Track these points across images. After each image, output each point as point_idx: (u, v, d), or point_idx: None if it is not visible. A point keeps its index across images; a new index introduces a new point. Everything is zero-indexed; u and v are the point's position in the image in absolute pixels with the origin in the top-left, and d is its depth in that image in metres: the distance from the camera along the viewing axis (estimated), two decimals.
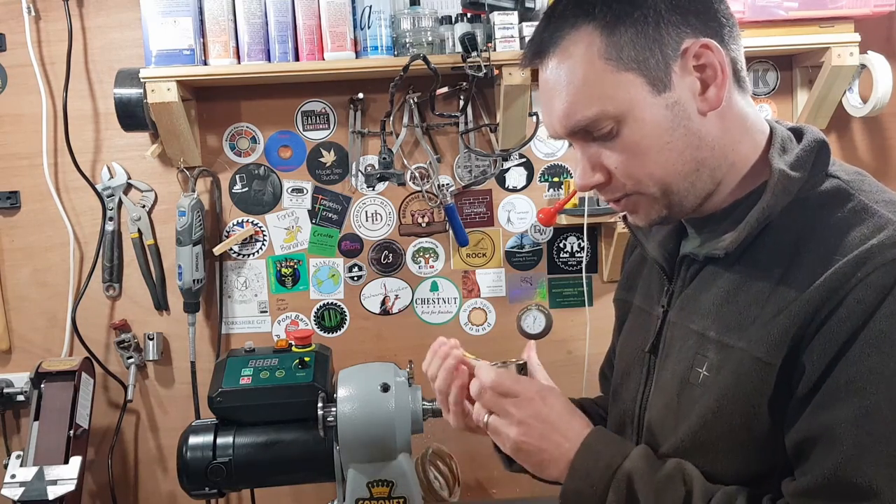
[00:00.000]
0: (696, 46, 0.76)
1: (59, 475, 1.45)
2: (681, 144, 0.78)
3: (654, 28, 0.76)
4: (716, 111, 0.78)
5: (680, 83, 0.77)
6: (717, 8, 0.79)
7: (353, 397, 1.26)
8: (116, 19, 1.73)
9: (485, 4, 1.61)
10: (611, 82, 0.77)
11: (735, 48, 0.81)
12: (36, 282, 1.78)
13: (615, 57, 0.77)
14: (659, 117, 0.77)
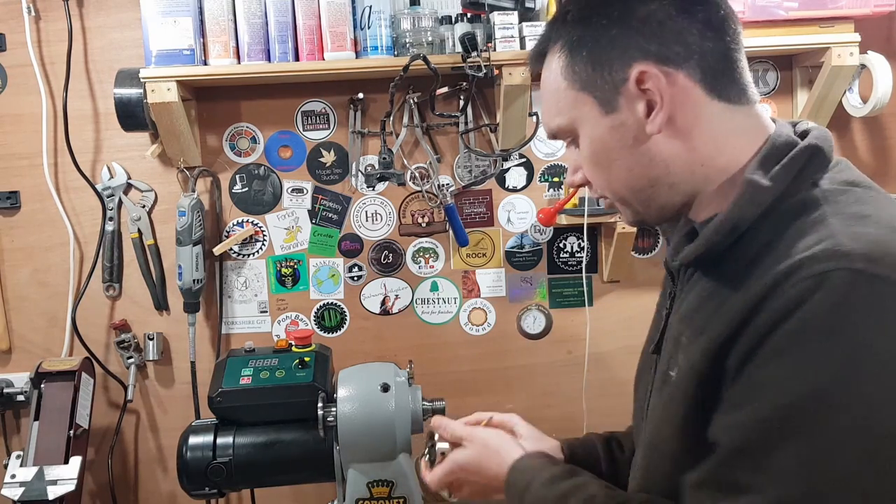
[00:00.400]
0: (636, 73, 0.78)
1: (59, 475, 1.45)
2: (629, 162, 0.82)
3: (605, 52, 0.79)
4: (676, 130, 0.80)
5: (628, 105, 0.80)
6: (671, 28, 0.78)
7: (353, 397, 1.27)
8: (116, 19, 1.73)
9: (485, 4, 1.61)
10: (569, 99, 0.83)
11: (700, 63, 0.79)
12: (36, 282, 1.78)
13: (572, 76, 0.82)
14: (606, 136, 0.82)
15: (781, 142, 0.79)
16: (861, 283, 0.63)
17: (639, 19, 0.78)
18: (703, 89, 0.79)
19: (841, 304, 0.63)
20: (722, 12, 0.80)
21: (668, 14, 0.78)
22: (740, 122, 0.81)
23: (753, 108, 0.83)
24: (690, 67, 0.78)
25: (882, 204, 0.73)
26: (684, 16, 0.78)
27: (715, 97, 0.80)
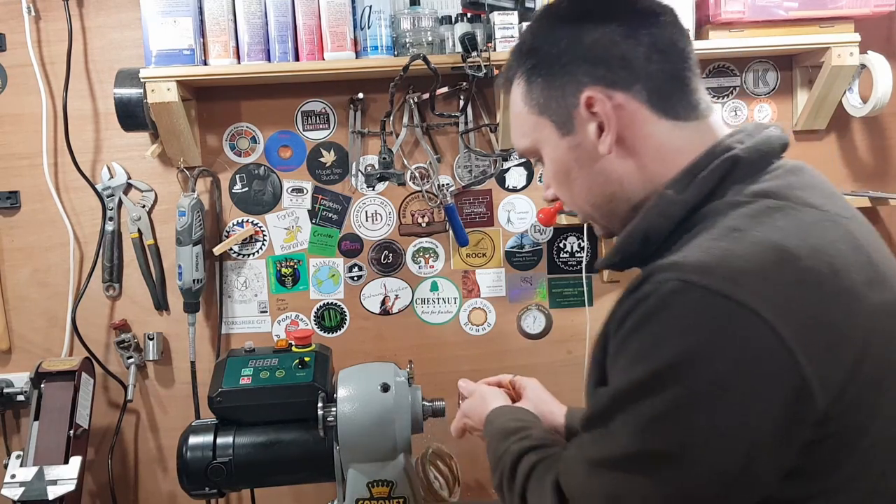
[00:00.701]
0: (584, 97, 0.83)
1: (59, 475, 1.45)
2: (588, 181, 0.87)
3: (558, 78, 0.84)
4: (627, 149, 0.84)
5: (582, 128, 0.84)
6: (616, 53, 0.82)
7: (353, 397, 1.27)
8: (116, 19, 1.73)
9: (485, 4, 1.61)
10: (530, 122, 0.89)
11: (647, 85, 0.82)
12: (36, 282, 1.78)
13: (530, 102, 0.88)
14: (564, 157, 0.87)
15: (708, 155, 0.82)
16: (685, 292, 0.69)
17: (586, 46, 0.83)
18: (650, 109, 0.83)
19: (663, 307, 0.69)
20: (668, 35, 0.84)
21: (612, 40, 0.82)
22: (689, 138, 0.84)
23: (705, 122, 0.85)
24: (637, 89, 0.82)
25: (773, 218, 0.74)
26: (629, 41, 0.82)
27: (663, 116, 0.83)
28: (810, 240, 0.73)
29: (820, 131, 1.84)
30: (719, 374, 0.68)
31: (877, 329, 0.72)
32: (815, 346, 0.68)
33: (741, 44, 1.66)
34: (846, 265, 0.73)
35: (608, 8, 0.84)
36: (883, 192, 1.80)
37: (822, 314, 0.69)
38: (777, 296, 0.68)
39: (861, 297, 0.72)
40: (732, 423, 0.68)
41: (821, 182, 0.84)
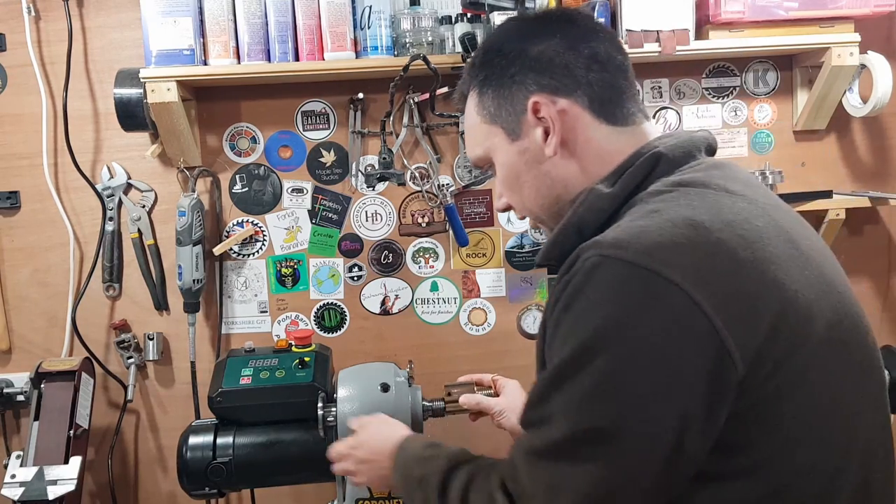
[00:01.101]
0: (531, 103, 0.90)
1: (59, 475, 1.45)
2: (536, 183, 0.93)
3: (507, 87, 0.91)
4: (570, 152, 0.90)
5: (530, 133, 0.91)
6: (559, 63, 0.89)
7: (353, 397, 1.27)
8: (116, 19, 1.73)
9: (485, 4, 1.61)
10: (482, 131, 0.95)
11: (588, 92, 0.89)
12: (36, 282, 1.78)
13: (483, 112, 0.95)
14: (514, 161, 0.93)
15: (636, 154, 0.88)
16: (603, 266, 0.73)
17: (531, 57, 0.90)
18: (591, 114, 0.90)
19: (586, 283, 0.74)
20: (606, 49, 0.91)
21: (556, 51, 0.90)
22: (625, 142, 0.90)
23: (639, 127, 0.92)
24: (578, 96, 0.89)
25: (689, 198, 0.79)
26: (571, 52, 0.90)
27: (602, 121, 0.90)
28: (724, 216, 0.77)
29: (820, 131, 1.84)
30: (642, 340, 0.71)
31: (795, 303, 0.75)
32: (731, 313, 0.71)
33: (741, 44, 1.66)
34: (761, 238, 0.77)
35: (551, 25, 0.93)
36: (883, 192, 1.80)
37: (735, 283, 0.73)
38: (691, 265, 0.72)
39: (778, 269, 0.75)
40: (661, 390, 0.71)
41: (745, 176, 0.89)
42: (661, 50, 1.63)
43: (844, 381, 0.79)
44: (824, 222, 1.73)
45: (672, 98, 1.83)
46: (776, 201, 0.87)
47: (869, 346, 0.84)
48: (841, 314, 0.80)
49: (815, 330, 0.76)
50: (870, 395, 0.84)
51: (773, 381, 0.73)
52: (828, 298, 0.79)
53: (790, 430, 0.75)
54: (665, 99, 1.83)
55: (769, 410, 0.74)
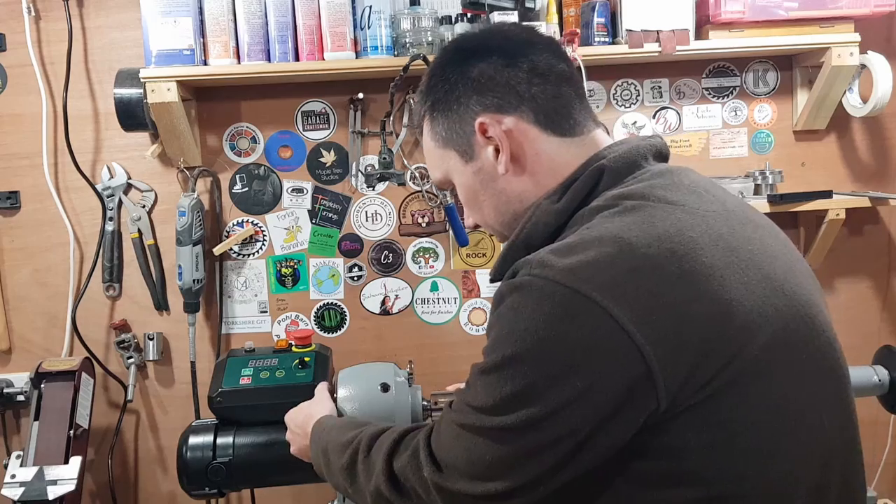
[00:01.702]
0: (477, 123, 0.90)
1: (59, 475, 1.45)
2: (494, 200, 0.94)
3: (454, 111, 0.92)
4: (522, 167, 0.91)
5: (482, 152, 0.92)
6: (499, 81, 0.90)
7: (353, 397, 1.26)
8: (116, 19, 1.73)
9: (485, 4, 1.61)
10: (438, 156, 0.97)
11: (532, 106, 0.90)
12: (36, 282, 1.78)
13: (436, 137, 0.96)
14: (471, 181, 0.94)
15: (583, 167, 0.89)
16: (529, 285, 0.76)
17: (472, 79, 0.91)
18: (538, 128, 0.90)
19: (513, 298, 0.77)
20: (545, 60, 0.91)
21: (495, 69, 0.90)
22: (575, 153, 0.91)
23: (589, 136, 0.92)
24: (523, 111, 0.90)
25: (623, 215, 0.80)
26: (511, 68, 0.90)
27: (550, 133, 0.91)
28: (654, 230, 0.77)
29: (820, 131, 1.84)
30: (561, 354, 0.74)
31: (731, 312, 0.75)
32: (654, 327, 0.72)
33: (741, 44, 1.66)
34: (693, 249, 0.77)
35: (486, 43, 0.93)
36: (883, 192, 1.80)
37: (660, 297, 0.74)
38: (611, 282, 0.74)
39: (711, 279, 0.76)
40: (575, 402, 0.74)
41: (691, 182, 0.88)
42: (661, 50, 1.63)
43: (793, 384, 0.79)
44: (824, 222, 1.73)
45: (672, 98, 1.83)
46: (725, 205, 0.86)
47: (824, 344, 0.84)
48: (788, 316, 0.79)
49: (756, 336, 0.76)
50: (827, 396, 0.83)
51: (707, 390, 0.74)
52: (773, 301, 0.79)
53: (729, 436, 0.76)
54: (665, 99, 1.83)
55: (704, 417, 0.75)
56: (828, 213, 1.71)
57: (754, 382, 0.76)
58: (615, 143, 0.92)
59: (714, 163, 1.84)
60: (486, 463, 0.79)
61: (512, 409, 0.76)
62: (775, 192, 1.74)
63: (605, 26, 1.64)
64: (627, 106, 1.83)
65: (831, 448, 0.83)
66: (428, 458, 0.85)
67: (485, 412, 0.79)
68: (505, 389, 0.77)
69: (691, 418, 0.75)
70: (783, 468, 0.78)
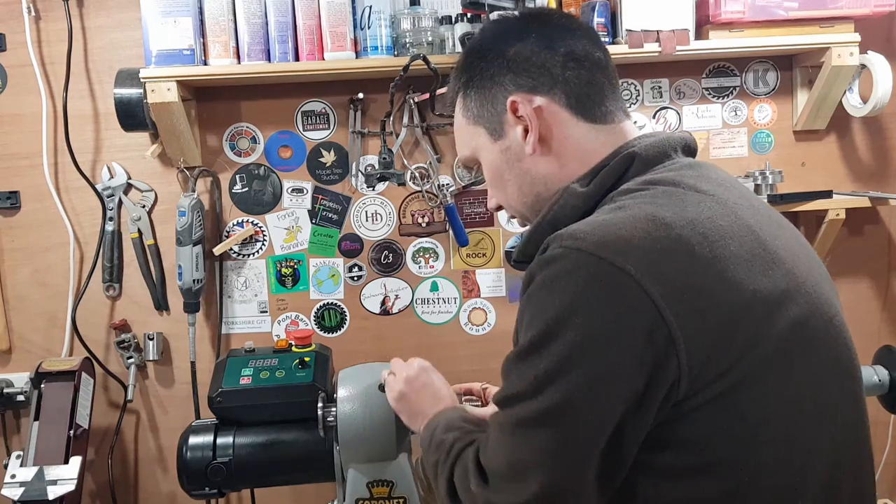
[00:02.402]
0: (510, 102, 0.91)
1: (59, 475, 1.45)
2: (518, 181, 0.95)
3: (487, 89, 0.93)
4: (549, 149, 0.91)
5: (511, 132, 0.93)
6: (535, 62, 0.91)
7: (353, 397, 1.26)
8: (116, 19, 1.73)
9: (485, 4, 1.61)
10: (468, 132, 0.98)
11: (564, 90, 0.90)
12: (36, 282, 1.78)
13: (467, 114, 0.97)
14: (497, 160, 0.95)
15: (613, 154, 0.89)
16: (563, 257, 0.76)
17: (508, 58, 0.92)
18: (569, 112, 0.91)
19: (546, 272, 0.77)
20: (583, 46, 0.92)
21: (532, 51, 0.91)
22: (604, 140, 0.91)
23: (619, 126, 0.93)
24: (555, 94, 0.91)
25: (655, 196, 0.81)
26: (547, 51, 0.91)
27: (581, 118, 0.91)
28: (686, 214, 0.78)
29: (820, 131, 1.84)
30: (595, 326, 0.74)
31: (753, 302, 0.76)
32: (683, 307, 0.73)
33: (741, 44, 1.66)
34: (723, 237, 0.78)
35: (526, 25, 0.94)
36: (883, 192, 1.80)
37: (690, 278, 0.74)
38: (646, 258, 0.74)
39: (738, 268, 0.76)
40: (610, 373, 0.74)
41: (719, 176, 0.89)
42: (661, 50, 1.63)
43: (810, 380, 0.80)
44: (824, 222, 1.73)
45: (672, 98, 1.83)
46: (751, 201, 0.88)
47: (840, 344, 0.85)
48: (808, 313, 0.80)
49: (775, 328, 0.77)
50: (840, 394, 0.84)
51: (728, 379, 0.75)
52: (794, 298, 0.79)
53: (749, 428, 0.76)
54: (665, 99, 1.83)
55: (725, 408, 0.75)
56: (828, 213, 1.71)
57: (773, 375, 0.77)
58: (645, 134, 0.93)
59: (714, 163, 1.83)
60: (527, 457, 0.78)
61: (549, 386, 0.75)
62: (775, 192, 1.74)
63: (606, 26, 1.64)
64: (628, 106, 1.82)
65: (845, 446, 0.83)
66: (476, 469, 0.84)
67: (523, 398, 0.78)
68: (541, 366, 0.76)
69: (712, 410, 0.75)
70: (798, 463, 0.79)
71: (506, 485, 0.80)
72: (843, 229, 1.78)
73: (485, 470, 0.83)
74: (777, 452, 0.78)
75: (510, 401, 0.80)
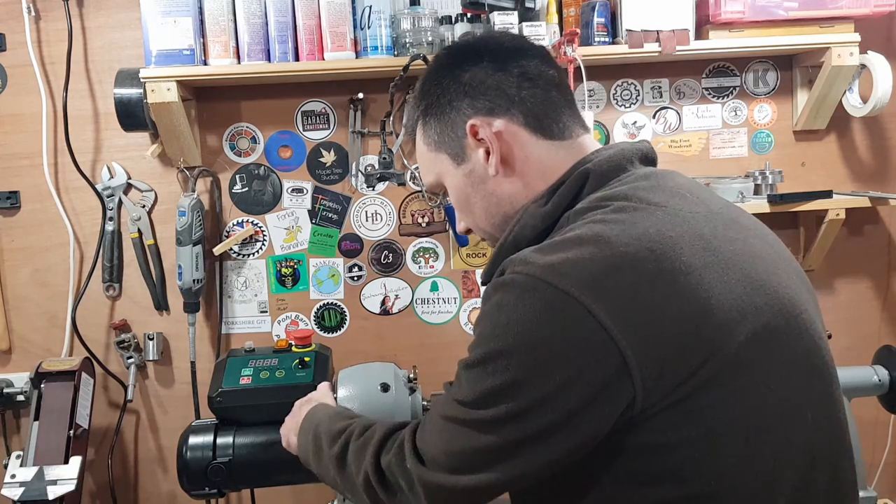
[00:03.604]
0: (469, 126, 0.93)
1: (59, 475, 1.45)
2: (485, 202, 0.96)
3: (446, 115, 0.95)
4: (512, 169, 0.93)
5: (473, 155, 0.94)
6: (490, 85, 0.93)
7: (353, 397, 1.26)
8: (116, 19, 1.73)
9: (485, 4, 1.61)
10: (431, 159, 0.99)
11: (521, 109, 0.92)
12: (36, 282, 1.78)
13: (428, 141, 0.99)
14: (462, 184, 0.96)
15: (570, 171, 0.91)
16: (514, 280, 0.79)
17: (464, 83, 0.94)
18: (528, 130, 0.93)
19: (499, 295, 0.80)
20: (536, 66, 0.94)
21: (486, 73, 0.93)
22: (564, 156, 0.93)
23: (577, 140, 0.94)
24: (513, 114, 0.92)
25: (605, 214, 0.82)
26: (501, 73, 0.93)
27: (539, 136, 0.93)
28: (634, 230, 0.79)
29: (820, 131, 1.84)
30: (542, 347, 0.76)
31: (709, 309, 0.77)
32: (631, 324, 0.75)
33: (741, 44, 1.66)
34: (673, 249, 0.78)
35: (478, 50, 0.96)
36: (883, 192, 1.80)
37: (638, 294, 0.76)
38: (590, 279, 0.76)
39: (690, 277, 0.77)
40: (557, 392, 0.76)
41: (676, 183, 0.90)
42: (661, 50, 1.63)
43: (774, 381, 0.80)
44: (824, 222, 1.73)
45: (672, 98, 1.83)
46: (710, 207, 0.88)
47: (807, 342, 0.84)
48: (769, 314, 0.80)
49: (735, 334, 0.77)
50: (810, 392, 0.84)
51: (686, 387, 0.76)
52: (753, 300, 0.80)
53: (710, 433, 0.77)
54: (665, 99, 1.83)
55: (685, 414, 0.76)
56: (828, 213, 1.71)
57: (734, 380, 0.77)
58: (602, 147, 0.94)
59: (714, 163, 1.84)
60: (466, 454, 0.81)
61: (494, 402, 0.78)
62: (775, 192, 1.74)
63: (605, 26, 1.64)
64: (627, 106, 1.83)
65: (817, 446, 0.83)
66: (412, 450, 0.87)
67: (468, 406, 0.81)
68: (487, 383, 0.79)
69: (672, 416, 0.76)
70: (765, 465, 0.79)
71: (442, 470, 0.84)
72: (843, 229, 1.78)
73: (420, 452, 0.86)
74: (743, 456, 0.78)
75: (458, 402, 0.83)
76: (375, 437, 0.93)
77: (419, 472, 0.85)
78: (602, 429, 0.77)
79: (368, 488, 0.91)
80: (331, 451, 0.99)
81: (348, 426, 0.99)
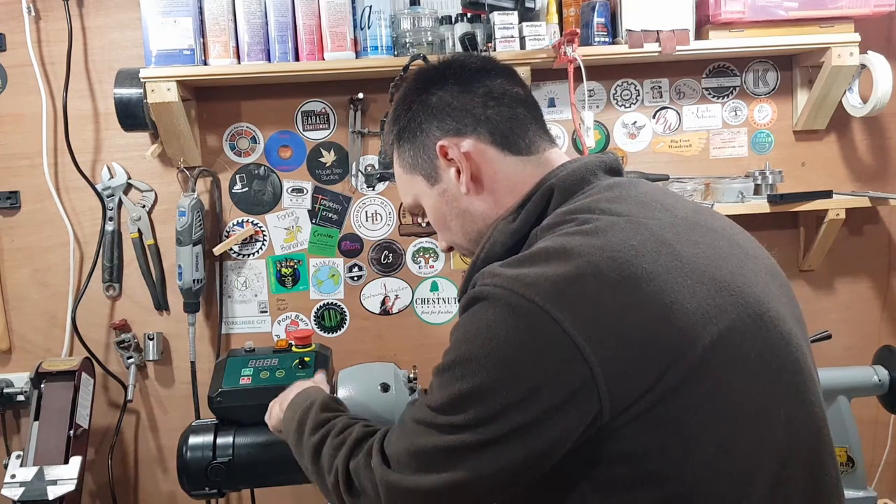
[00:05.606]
0: (438, 147, 0.95)
1: (59, 475, 1.45)
2: (460, 220, 0.99)
3: (417, 137, 0.98)
4: (482, 186, 0.95)
5: (445, 175, 0.97)
6: (457, 106, 0.96)
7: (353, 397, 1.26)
8: (116, 19, 1.73)
9: (485, 4, 1.61)
10: (407, 181, 1.02)
11: (488, 127, 0.95)
12: (36, 282, 1.78)
13: (402, 164, 1.02)
14: (437, 203, 0.99)
15: (536, 186, 0.93)
16: (482, 292, 0.81)
17: (431, 105, 0.97)
18: (496, 148, 0.95)
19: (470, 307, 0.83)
20: (500, 84, 0.97)
21: (452, 95, 0.96)
22: (531, 171, 0.95)
23: (544, 155, 0.97)
24: (480, 132, 0.95)
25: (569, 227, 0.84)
26: (466, 94, 0.96)
27: (507, 152, 0.95)
28: (597, 241, 0.81)
29: (820, 131, 1.84)
30: (508, 355, 0.78)
31: (673, 314, 0.78)
32: (594, 331, 0.76)
33: (741, 44, 1.66)
34: (635, 257, 0.80)
35: (444, 73, 0.99)
36: (883, 192, 1.80)
37: (601, 303, 0.77)
38: (554, 289, 0.77)
39: (652, 284, 0.78)
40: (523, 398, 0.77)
41: (639, 193, 0.91)
42: (661, 50, 1.63)
43: (745, 382, 0.81)
44: (824, 222, 1.73)
45: (672, 98, 1.83)
46: (675, 213, 0.89)
47: (777, 340, 0.84)
48: (734, 315, 0.81)
49: (699, 337, 0.78)
50: (783, 389, 0.84)
51: (654, 393, 0.76)
52: (717, 301, 0.80)
53: (681, 438, 0.78)
54: (665, 99, 1.83)
55: (654, 420, 0.77)
56: (828, 213, 1.71)
57: (702, 382, 0.78)
58: (568, 161, 0.96)
59: (714, 163, 1.84)
60: (428, 454, 0.83)
61: (461, 407, 0.80)
62: (775, 192, 1.74)
63: (605, 26, 1.64)
64: (627, 106, 1.83)
65: (793, 443, 0.83)
66: (378, 451, 0.89)
67: (436, 410, 0.83)
68: (455, 388, 0.81)
69: (644, 422, 0.77)
70: (738, 464, 0.80)
71: (405, 470, 0.85)
72: (843, 229, 1.78)
73: (386, 454, 0.88)
74: (715, 458, 0.79)
75: (427, 407, 0.85)
76: (350, 439, 0.94)
77: (381, 472, 0.87)
78: (568, 436, 0.78)
79: (336, 488, 0.93)
80: (310, 440, 1.00)
81: (332, 419, 1.01)
